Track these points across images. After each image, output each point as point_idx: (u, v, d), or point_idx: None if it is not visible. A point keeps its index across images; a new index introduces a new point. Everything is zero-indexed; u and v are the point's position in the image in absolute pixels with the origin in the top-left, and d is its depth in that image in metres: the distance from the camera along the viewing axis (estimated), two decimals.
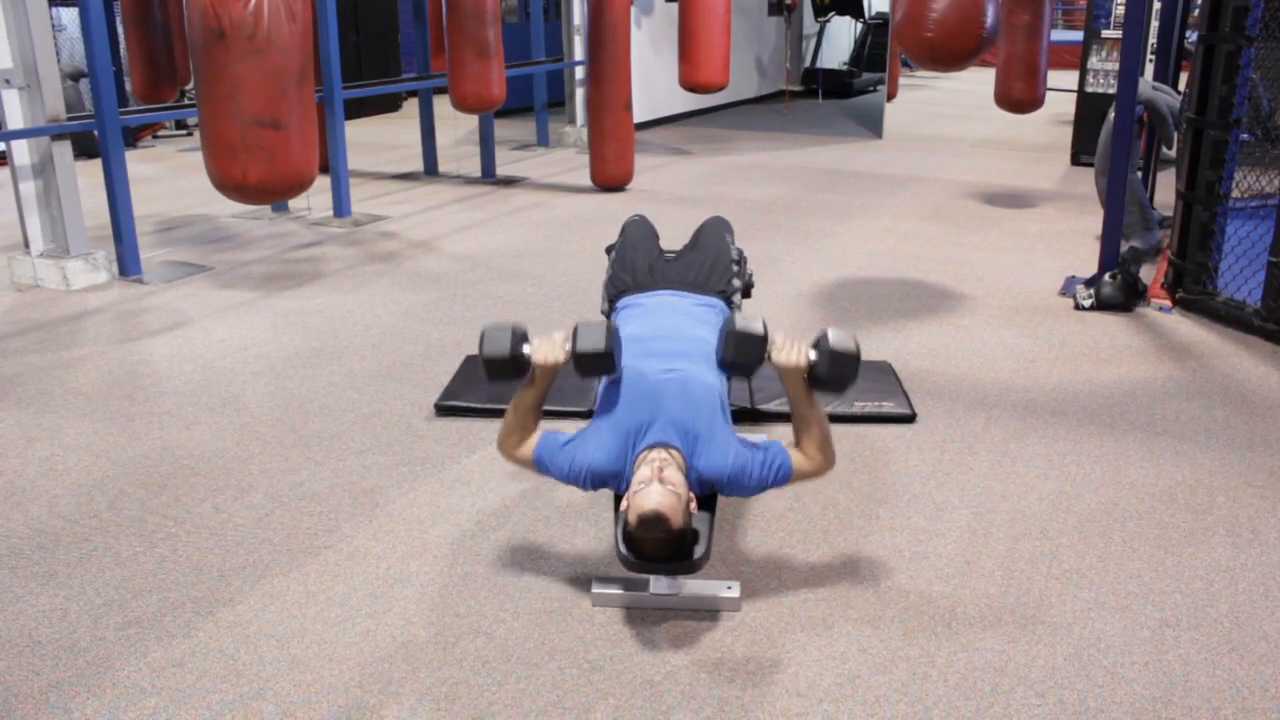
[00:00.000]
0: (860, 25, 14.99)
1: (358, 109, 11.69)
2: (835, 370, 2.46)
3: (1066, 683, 2.31)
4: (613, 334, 2.51)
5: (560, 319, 4.77)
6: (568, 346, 2.52)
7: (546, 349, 2.53)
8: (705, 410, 2.51)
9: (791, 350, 2.49)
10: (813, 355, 2.48)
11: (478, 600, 2.62)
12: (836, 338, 2.47)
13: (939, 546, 2.87)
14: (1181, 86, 6.46)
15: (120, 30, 8.50)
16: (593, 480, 2.53)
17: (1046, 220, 6.82)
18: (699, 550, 2.43)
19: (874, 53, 14.48)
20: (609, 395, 2.58)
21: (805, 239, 6.26)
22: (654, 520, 2.29)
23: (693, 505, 2.41)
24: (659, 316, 2.82)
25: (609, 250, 3.25)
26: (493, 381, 2.58)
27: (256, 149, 3.95)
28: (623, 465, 2.48)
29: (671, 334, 2.72)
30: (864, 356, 4.25)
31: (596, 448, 2.50)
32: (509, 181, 8.14)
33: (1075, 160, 8.79)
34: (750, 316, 2.54)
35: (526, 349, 2.53)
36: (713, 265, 3.03)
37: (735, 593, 2.59)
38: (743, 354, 2.50)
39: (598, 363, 2.51)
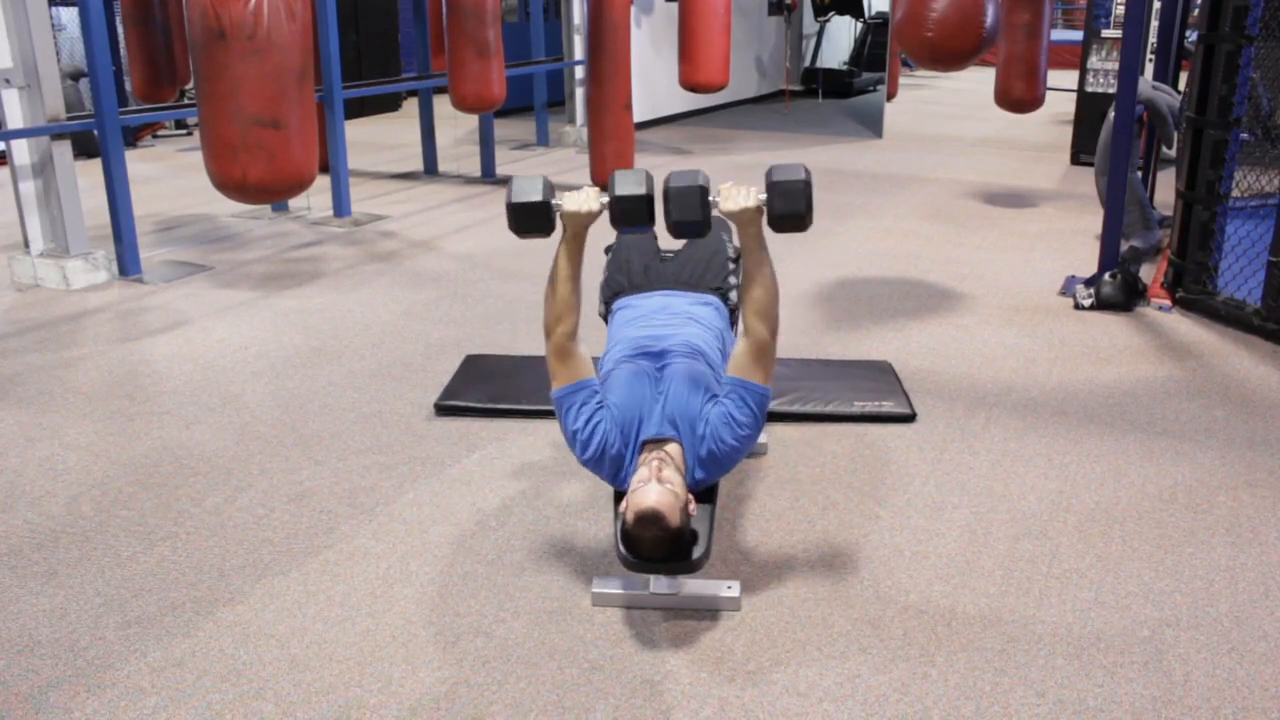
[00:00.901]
0: (860, 25, 14.98)
1: (358, 109, 11.69)
2: (788, 204, 2.39)
3: (1066, 683, 2.31)
4: (651, 183, 2.40)
5: None
6: (603, 199, 2.42)
7: (580, 198, 2.44)
8: (702, 403, 2.52)
9: (738, 195, 2.43)
10: (762, 196, 2.41)
11: (478, 600, 2.62)
12: (781, 170, 2.40)
13: (939, 546, 2.87)
14: (1181, 86, 6.46)
15: (120, 30, 8.50)
16: (595, 441, 2.49)
17: (1046, 220, 6.82)
18: (698, 550, 2.44)
19: (874, 52, 14.48)
20: (605, 387, 2.58)
21: (805, 238, 6.23)
22: (651, 518, 2.30)
23: (691, 506, 2.41)
24: (654, 316, 2.82)
25: (608, 250, 3.25)
26: (519, 232, 2.45)
27: (256, 149, 3.95)
28: (627, 452, 2.49)
29: (666, 332, 2.72)
30: (864, 356, 4.27)
31: (610, 424, 2.51)
32: (509, 181, 8.12)
33: (1075, 160, 8.79)
34: (688, 171, 2.42)
35: (555, 201, 2.43)
36: (708, 263, 3.03)
37: (735, 592, 2.59)
38: (685, 209, 2.39)
39: (637, 209, 2.38)
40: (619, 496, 2.56)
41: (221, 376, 4.09)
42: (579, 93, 9.69)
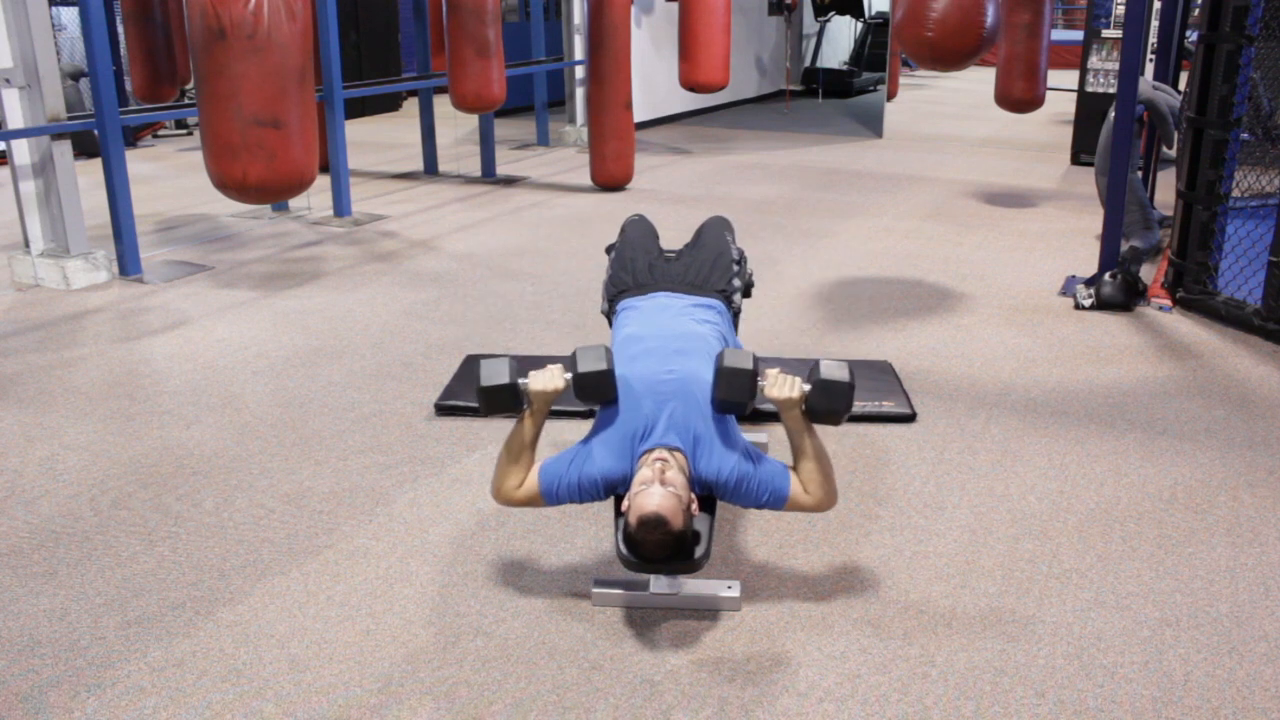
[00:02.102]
0: (860, 25, 14.99)
1: (358, 108, 11.69)
2: (829, 402, 2.45)
3: (1066, 683, 2.32)
4: (610, 358, 2.51)
5: (560, 318, 4.77)
6: (566, 375, 2.51)
7: (544, 378, 2.51)
8: (707, 411, 2.51)
9: (784, 384, 2.47)
10: (806, 388, 2.47)
11: (478, 600, 2.62)
12: (829, 369, 2.46)
13: (939, 546, 2.87)
14: (1181, 86, 6.46)
15: (120, 29, 8.50)
16: (607, 488, 2.50)
17: (1046, 220, 6.82)
18: (699, 550, 2.43)
19: (874, 52, 14.48)
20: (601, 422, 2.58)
21: (805, 238, 6.26)
22: (654, 522, 2.29)
23: (694, 507, 2.40)
24: (658, 317, 2.81)
25: (609, 250, 3.24)
26: (490, 414, 2.55)
27: (256, 148, 3.95)
28: (629, 466, 2.48)
29: (670, 334, 2.71)
30: (864, 356, 4.26)
31: (603, 455, 2.49)
32: (509, 181, 8.13)
33: (1075, 160, 8.79)
34: (739, 353, 2.50)
35: (523, 381, 2.52)
36: (713, 265, 3.03)
37: (735, 592, 2.59)
38: (733, 390, 2.47)
39: (599, 384, 2.49)
40: (620, 497, 2.56)
41: (221, 376, 4.09)
42: (579, 92, 9.69)
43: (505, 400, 2.51)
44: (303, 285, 5.33)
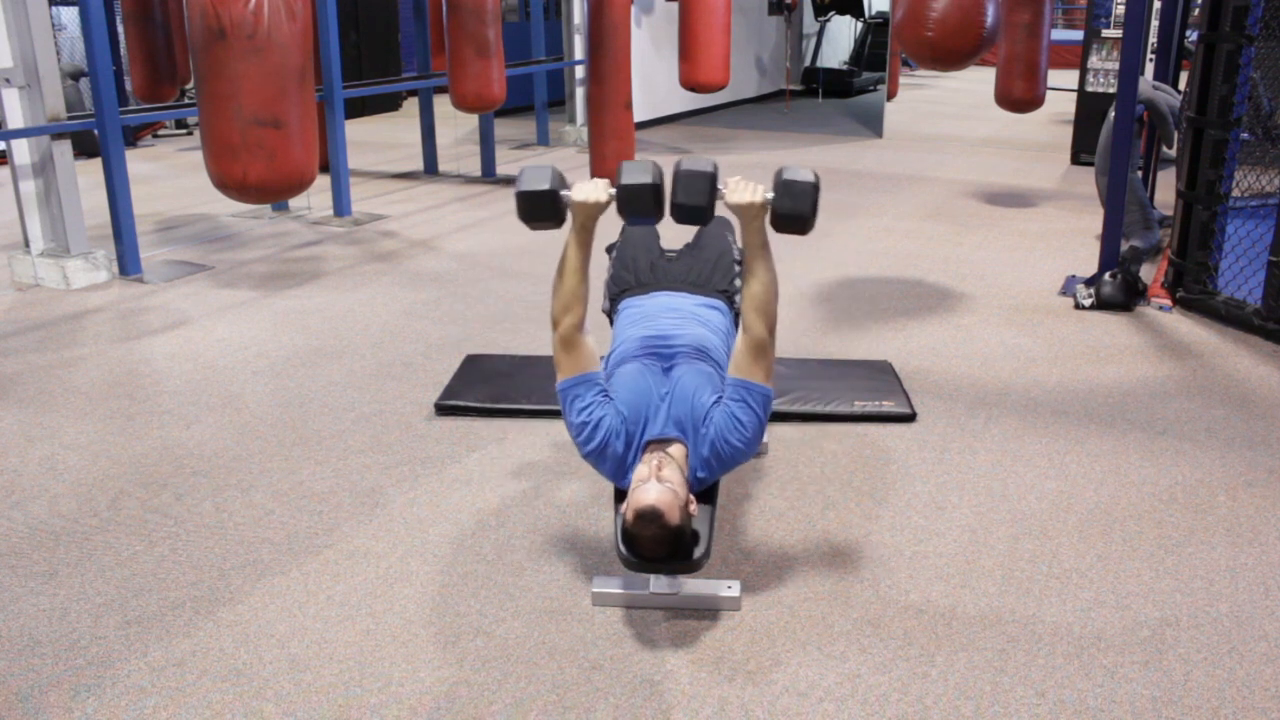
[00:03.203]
0: (860, 24, 14.99)
1: (358, 108, 11.69)
2: (793, 203, 2.39)
3: (1066, 683, 2.31)
4: (659, 173, 2.40)
5: None
6: (611, 189, 2.42)
7: (588, 188, 2.45)
8: (707, 404, 2.51)
9: (745, 189, 2.43)
10: (769, 195, 2.41)
11: (478, 600, 2.62)
12: (792, 171, 2.41)
13: (939, 546, 2.87)
14: (1181, 86, 6.46)
15: (120, 29, 8.50)
16: (598, 436, 2.48)
17: (1046, 219, 6.82)
18: (698, 550, 2.44)
19: (874, 52, 14.49)
20: (611, 386, 2.58)
21: (805, 238, 6.24)
22: (650, 515, 2.30)
23: (692, 507, 2.41)
24: (660, 316, 2.82)
25: (609, 249, 3.24)
26: (528, 221, 2.44)
27: (257, 148, 3.95)
28: (626, 454, 2.49)
29: (672, 332, 2.72)
30: (864, 356, 4.26)
31: (614, 420, 2.51)
32: (509, 181, 8.13)
33: (1075, 159, 8.79)
34: (698, 158, 2.43)
35: (565, 192, 2.42)
36: (715, 264, 3.03)
37: (735, 592, 2.59)
38: (691, 193, 2.39)
39: (645, 199, 2.38)
40: (620, 496, 2.56)
41: (221, 376, 4.09)
42: (579, 92, 9.69)
43: (544, 208, 2.42)
44: (303, 285, 5.33)
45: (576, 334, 2.53)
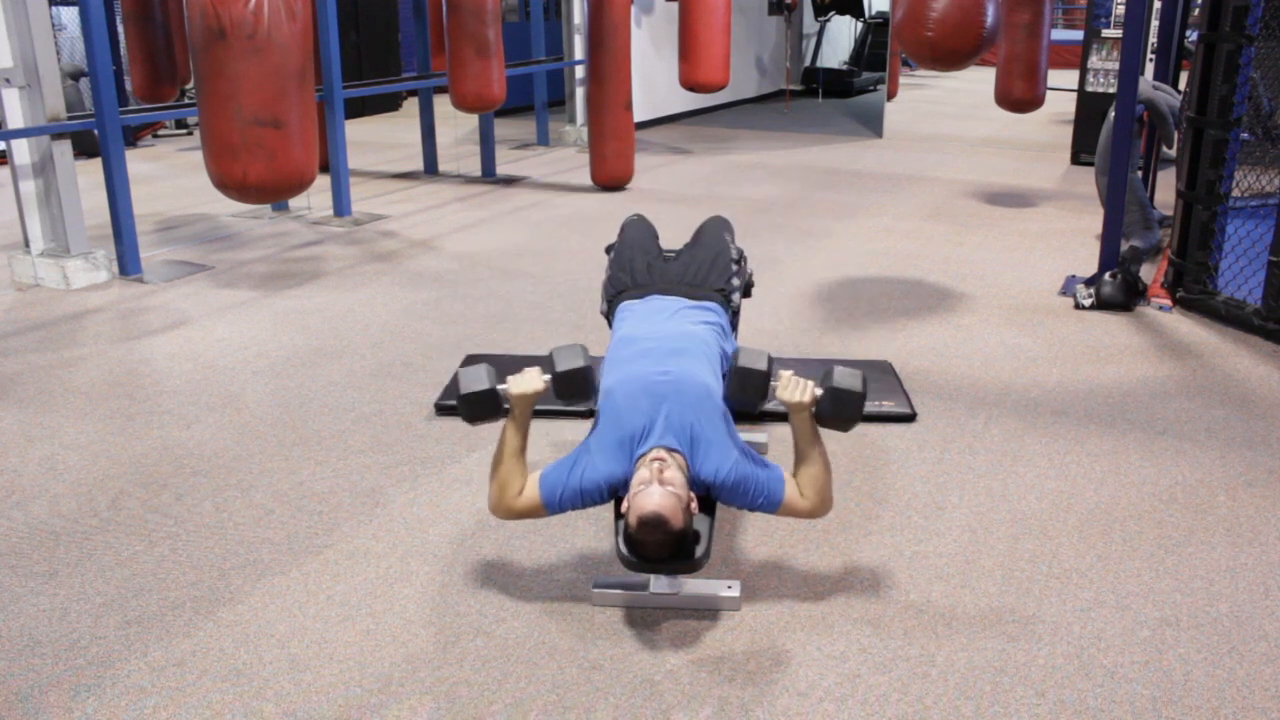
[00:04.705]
0: (860, 24, 14.99)
1: (358, 108, 11.69)
2: (839, 409, 2.47)
3: (1066, 683, 2.32)
4: (588, 355, 2.52)
5: (560, 318, 4.77)
6: (545, 377, 2.52)
7: (523, 381, 2.52)
8: (704, 411, 2.50)
9: (796, 387, 2.48)
10: (818, 392, 2.48)
11: (478, 600, 2.62)
12: (842, 376, 2.47)
13: (939, 546, 2.87)
14: (1181, 86, 6.46)
15: (120, 29, 8.50)
16: (610, 491, 2.49)
17: (1046, 219, 6.82)
18: (699, 550, 2.43)
19: (874, 52, 14.48)
20: (607, 401, 2.57)
21: (805, 238, 6.26)
22: (655, 522, 2.29)
23: (693, 506, 2.40)
24: (655, 318, 2.81)
25: (609, 250, 3.24)
26: (472, 422, 2.54)
27: (257, 148, 3.95)
28: (629, 467, 2.47)
29: (667, 334, 2.71)
30: (864, 356, 4.26)
31: (603, 459, 2.48)
32: (509, 181, 8.13)
33: (1075, 159, 8.80)
34: (755, 352, 2.52)
35: (502, 386, 2.52)
36: (712, 264, 3.03)
37: (735, 592, 2.59)
38: (747, 390, 2.50)
39: (577, 382, 2.51)
40: (620, 498, 2.55)
41: (221, 376, 4.09)
42: (579, 92, 9.69)
43: (487, 406, 2.52)
44: (303, 285, 5.33)
45: (516, 501, 2.52)
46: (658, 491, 2.31)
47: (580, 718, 2.21)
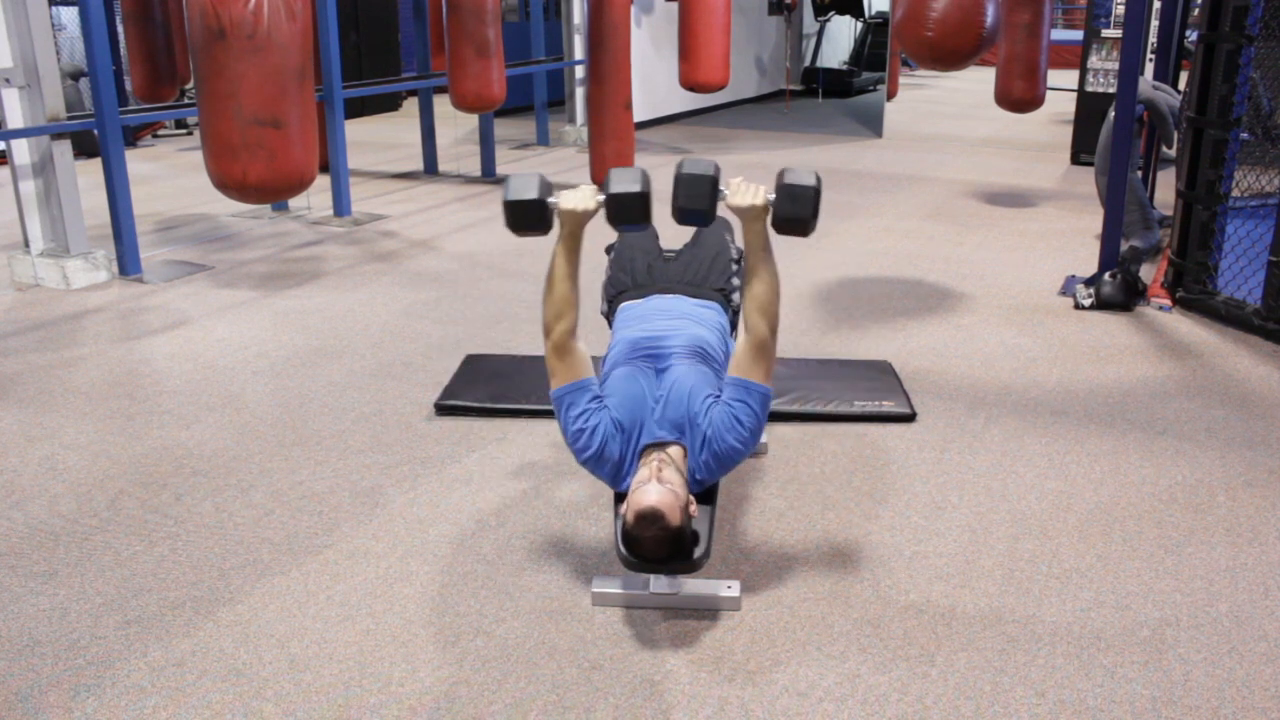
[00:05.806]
0: (860, 24, 14.99)
1: (358, 108, 11.69)
2: (794, 207, 2.39)
3: (1066, 683, 2.31)
4: (648, 181, 2.39)
5: None
6: (599, 196, 2.42)
7: (576, 196, 2.44)
8: (704, 404, 2.51)
9: (747, 191, 2.44)
10: (771, 196, 2.41)
11: (478, 600, 2.62)
12: (794, 174, 2.41)
13: (939, 546, 2.87)
14: (1181, 86, 6.46)
15: (120, 29, 8.50)
16: (595, 443, 2.47)
17: (1046, 219, 6.82)
18: (698, 550, 2.44)
19: (874, 52, 14.48)
20: (607, 394, 2.58)
21: (806, 238, 6.24)
22: (651, 517, 2.30)
23: (692, 508, 2.41)
24: (655, 318, 2.82)
25: (609, 250, 3.24)
26: (516, 230, 2.44)
27: (256, 148, 3.95)
28: (623, 459, 2.48)
29: (665, 334, 2.72)
30: (864, 356, 4.26)
31: (609, 426, 2.50)
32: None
33: (1075, 159, 8.80)
34: (700, 160, 2.42)
35: (552, 199, 2.42)
36: (712, 263, 3.03)
37: (735, 592, 2.59)
38: (693, 196, 2.38)
39: (632, 206, 2.37)
40: (620, 497, 2.56)
41: (221, 376, 4.09)
42: (579, 92, 9.69)
43: (532, 216, 2.41)
44: (303, 285, 5.33)
45: (569, 341, 2.53)
46: (655, 488, 2.33)
47: (580, 718, 2.21)
